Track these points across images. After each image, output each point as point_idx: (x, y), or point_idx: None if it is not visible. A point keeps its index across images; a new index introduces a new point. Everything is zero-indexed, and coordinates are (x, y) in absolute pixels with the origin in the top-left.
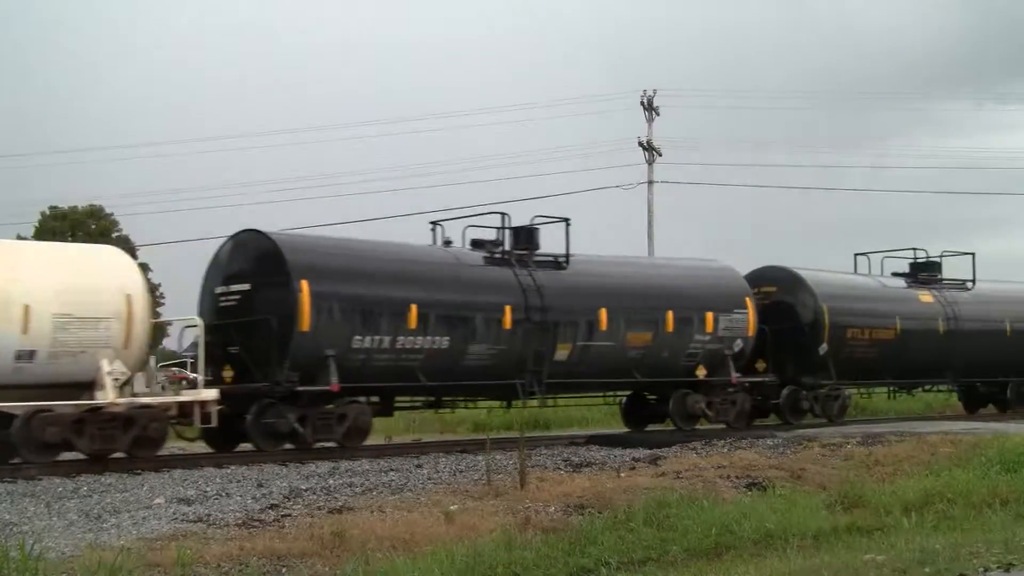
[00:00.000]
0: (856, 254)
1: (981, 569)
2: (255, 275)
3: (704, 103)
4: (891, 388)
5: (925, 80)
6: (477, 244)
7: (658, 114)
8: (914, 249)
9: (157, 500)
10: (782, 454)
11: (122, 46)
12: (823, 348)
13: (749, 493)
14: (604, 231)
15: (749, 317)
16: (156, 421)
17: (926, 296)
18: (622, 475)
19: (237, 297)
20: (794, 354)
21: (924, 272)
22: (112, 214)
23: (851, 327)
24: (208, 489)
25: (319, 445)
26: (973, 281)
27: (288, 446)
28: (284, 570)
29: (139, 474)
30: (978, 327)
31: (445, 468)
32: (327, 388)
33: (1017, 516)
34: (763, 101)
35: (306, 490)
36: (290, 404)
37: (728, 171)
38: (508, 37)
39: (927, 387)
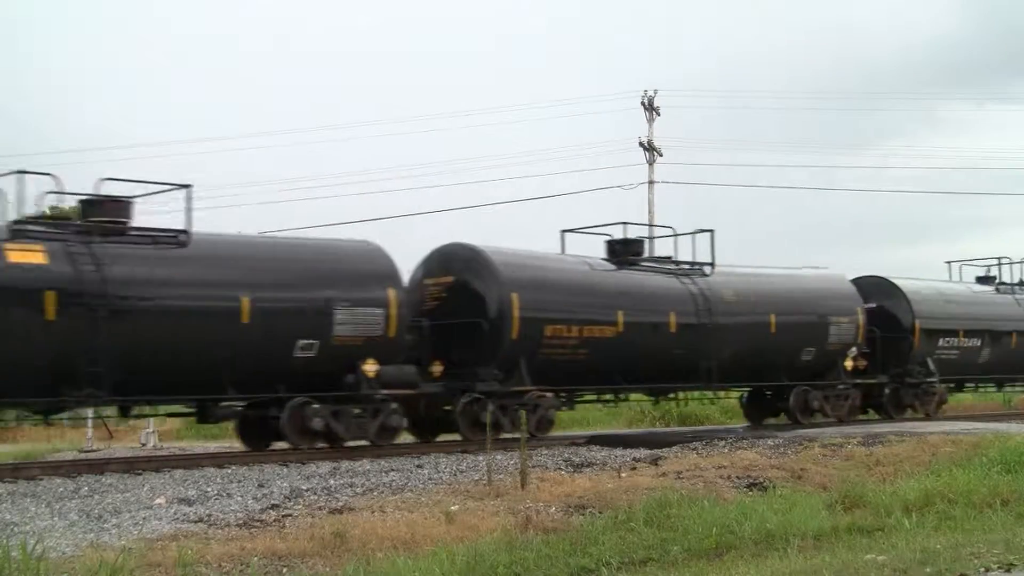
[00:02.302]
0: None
1: (982, 569)
2: None
3: (704, 103)
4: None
5: (925, 80)
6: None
7: (658, 114)
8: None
9: (158, 500)
10: (783, 454)
11: (122, 46)
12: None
13: (750, 493)
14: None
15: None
16: None
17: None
18: (623, 475)
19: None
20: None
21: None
22: None
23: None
24: (209, 489)
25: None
26: None
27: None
28: (285, 570)
29: (140, 474)
30: None
31: (446, 468)
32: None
33: (1018, 516)
34: (763, 101)
35: (307, 490)
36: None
37: (728, 171)
38: (508, 37)
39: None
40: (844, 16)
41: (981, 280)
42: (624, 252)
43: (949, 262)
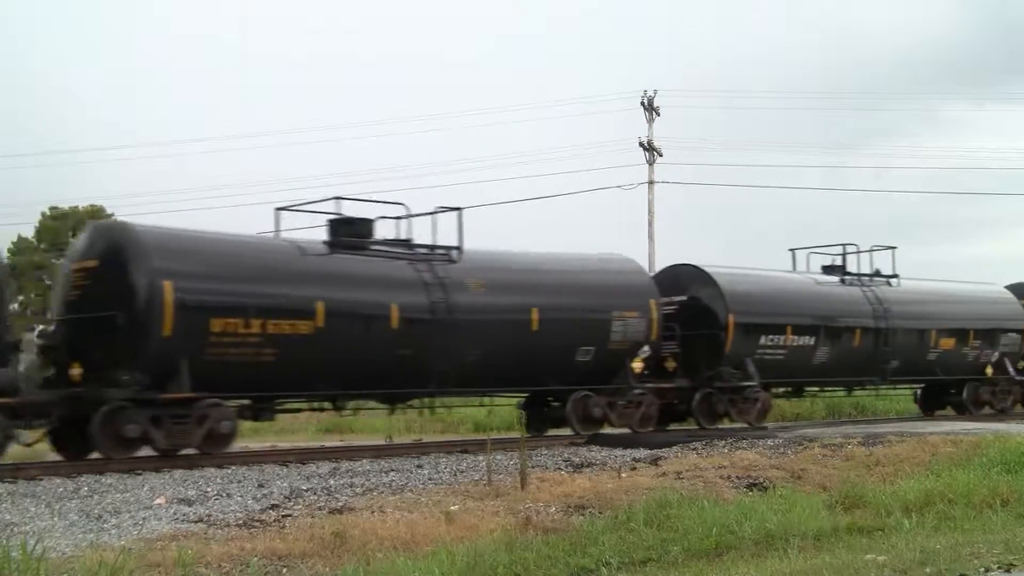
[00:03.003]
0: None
1: (982, 569)
2: None
3: (704, 103)
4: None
5: (926, 80)
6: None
7: (658, 114)
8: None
9: (158, 500)
10: (783, 454)
11: (122, 46)
12: None
13: (750, 493)
14: (604, 231)
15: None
16: None
17: None
18: (623, 475)
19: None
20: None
21: None
22: (112, 214)
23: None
24: (209, 489)
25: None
26: None
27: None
28: (285, 570)
29: (140, 474)
30: None
31: (446, 468)
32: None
33: (1018, 516)
34: (763, 101)
35: (307, 490)
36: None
37: (728, 171)
38: (508, 37)
39: None
40: (844, 16)
41: (827, 270)
42: (347, 233)
43: (793, 249)
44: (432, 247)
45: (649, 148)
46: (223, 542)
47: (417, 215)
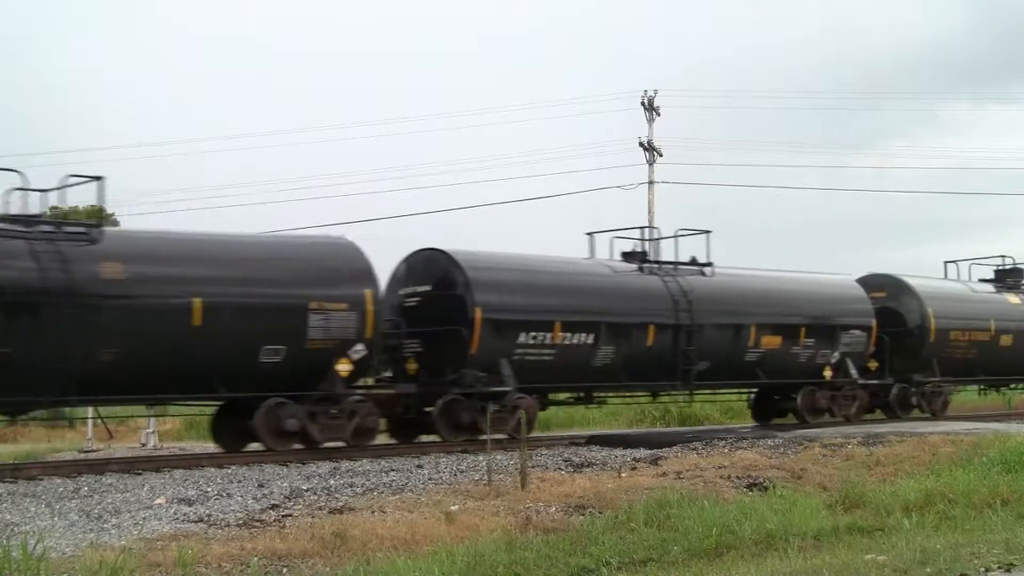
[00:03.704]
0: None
1: (982, 569)
2: None
3: (704, 103)
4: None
5: (926, 81)
6: None
7: (658, 114)
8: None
9: (158, 500)
10: (783, 454)
11: (123, 46)
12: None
13: (750, 493)
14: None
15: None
16: None
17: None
18: (623, 475)
19: None
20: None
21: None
22: (112, 214)
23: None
24: (209, 489)
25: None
26: None
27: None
28: (285, 570)
29: (140, 474)
30: None
31: (446, 468)
32: None
33: (1018, 516)
34: (763, 101)
35: (307, 490)
36: None
37: (728, 171)
38: (508, 37)
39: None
40: (844, 16)
41: (627, 256)
42: None
43: (590, 232)
44: (60, 222)
45: (649, 148)
46: (223, 542)
47: (48, 189)
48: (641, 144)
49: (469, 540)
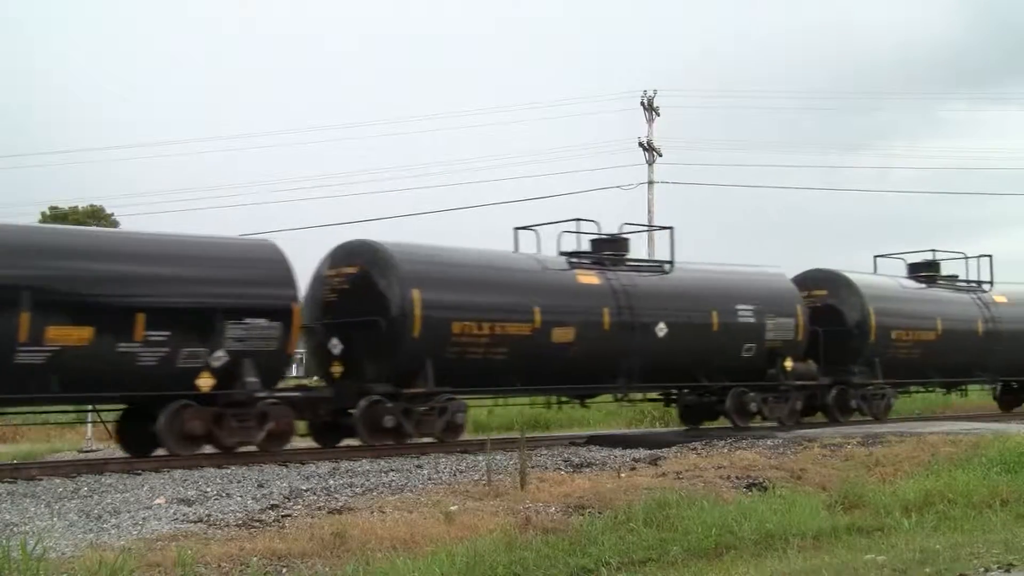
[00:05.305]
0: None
1: (981, 569)
2: None
3: (704, 103)
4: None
5: (926, 80)
6: None
7: (658, 114)
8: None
9: (157, 500)
10: (782, 454)
11: (123, 46)
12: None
13: (749, 493)
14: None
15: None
16: None
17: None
18: (622, 475)
19: None
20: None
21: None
22: (112, 214)
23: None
24: (208, 489)
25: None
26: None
27: None
28: (284, 570)
29: (139, 474)
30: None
31: (445, 468)
32: None
33: (1017, 516)
34: (763, 101)
35: (306, 490)
36: None
37: (728, 171)
38: (508, 37)
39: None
40: (844, 16)
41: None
42: None
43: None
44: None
45: (649, 148)
46: (223, 542)
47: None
48: (641, 144)
49: (468, 540)
